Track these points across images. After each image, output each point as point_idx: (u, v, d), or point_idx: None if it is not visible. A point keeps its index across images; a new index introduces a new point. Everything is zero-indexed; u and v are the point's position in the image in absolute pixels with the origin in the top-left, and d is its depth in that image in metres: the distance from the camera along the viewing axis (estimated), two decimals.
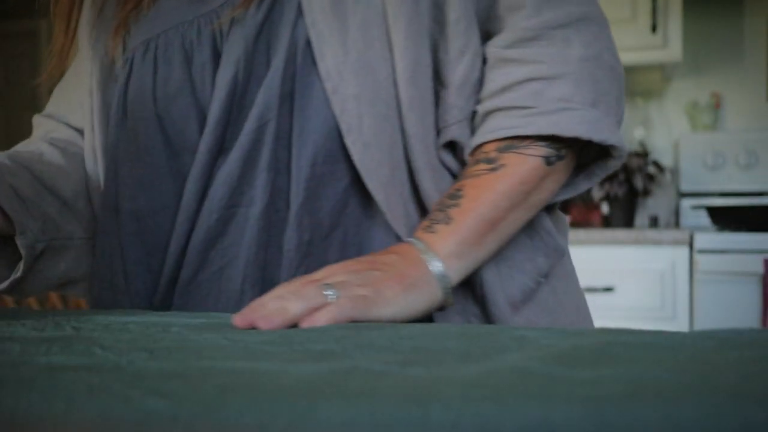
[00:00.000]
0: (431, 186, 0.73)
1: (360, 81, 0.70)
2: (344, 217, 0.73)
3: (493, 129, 0.72)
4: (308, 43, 0.70)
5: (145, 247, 0.75)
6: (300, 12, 0.70)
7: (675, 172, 3.17)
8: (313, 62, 0.70)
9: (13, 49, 4.88)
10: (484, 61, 0.74)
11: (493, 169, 0.70)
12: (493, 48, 0.73)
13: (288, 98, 0.71)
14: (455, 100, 0.73)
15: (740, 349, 0.42)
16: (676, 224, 3.16)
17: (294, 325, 0.56)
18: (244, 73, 0.71)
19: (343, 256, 0.73)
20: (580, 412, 0.29)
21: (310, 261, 0.72)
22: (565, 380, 0.35)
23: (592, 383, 0.34)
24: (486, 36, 0.75)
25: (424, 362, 0.40)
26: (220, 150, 0.73)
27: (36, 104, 4.78)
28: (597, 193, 3.04)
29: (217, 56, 0.73)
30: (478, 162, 0.72)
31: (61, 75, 0.93)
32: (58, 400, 0.32)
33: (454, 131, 0.73)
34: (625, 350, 0.43)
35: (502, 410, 0.30)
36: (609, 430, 0.28)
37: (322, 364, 0.39)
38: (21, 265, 0.79)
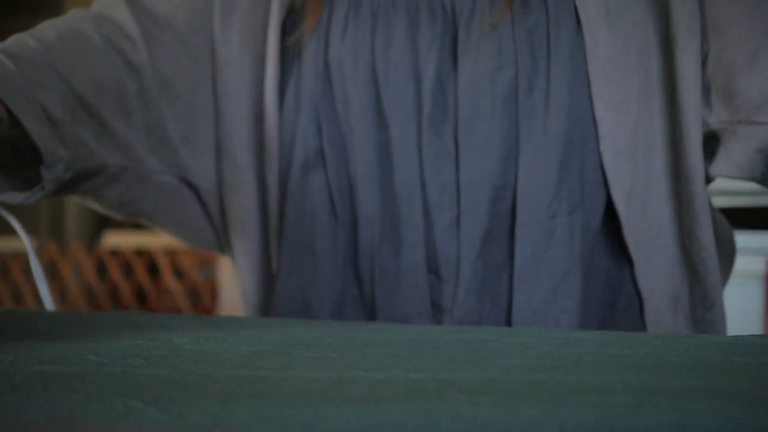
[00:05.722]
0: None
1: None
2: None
3: None
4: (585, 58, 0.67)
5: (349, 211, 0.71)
6: (578, 22, 0.66)
7: None
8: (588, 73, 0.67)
9: None
10: None
11: None
12: None
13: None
14: None
15: (746, 355, 0.42)
16: None
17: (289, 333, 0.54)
18: (522, 78, 0.66)
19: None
20: (590, 419, 0.29)
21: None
22: (574, 387, 0.35)
23: (602, 390, 0.34)
24: None
25: (427, 368, 0.39)
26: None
27: None
28: None
29: (451, 30, 0.68)
30: None
31: None
32: (58, 411, 0.31)
33: None
34: (629, 355, 0.42)
35: (511, 417, 0.29)
36: None
37: (323, 372, 0.39)
38: (42, 188, 0.66)
